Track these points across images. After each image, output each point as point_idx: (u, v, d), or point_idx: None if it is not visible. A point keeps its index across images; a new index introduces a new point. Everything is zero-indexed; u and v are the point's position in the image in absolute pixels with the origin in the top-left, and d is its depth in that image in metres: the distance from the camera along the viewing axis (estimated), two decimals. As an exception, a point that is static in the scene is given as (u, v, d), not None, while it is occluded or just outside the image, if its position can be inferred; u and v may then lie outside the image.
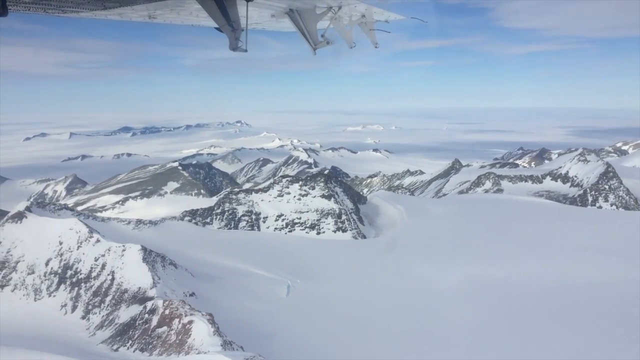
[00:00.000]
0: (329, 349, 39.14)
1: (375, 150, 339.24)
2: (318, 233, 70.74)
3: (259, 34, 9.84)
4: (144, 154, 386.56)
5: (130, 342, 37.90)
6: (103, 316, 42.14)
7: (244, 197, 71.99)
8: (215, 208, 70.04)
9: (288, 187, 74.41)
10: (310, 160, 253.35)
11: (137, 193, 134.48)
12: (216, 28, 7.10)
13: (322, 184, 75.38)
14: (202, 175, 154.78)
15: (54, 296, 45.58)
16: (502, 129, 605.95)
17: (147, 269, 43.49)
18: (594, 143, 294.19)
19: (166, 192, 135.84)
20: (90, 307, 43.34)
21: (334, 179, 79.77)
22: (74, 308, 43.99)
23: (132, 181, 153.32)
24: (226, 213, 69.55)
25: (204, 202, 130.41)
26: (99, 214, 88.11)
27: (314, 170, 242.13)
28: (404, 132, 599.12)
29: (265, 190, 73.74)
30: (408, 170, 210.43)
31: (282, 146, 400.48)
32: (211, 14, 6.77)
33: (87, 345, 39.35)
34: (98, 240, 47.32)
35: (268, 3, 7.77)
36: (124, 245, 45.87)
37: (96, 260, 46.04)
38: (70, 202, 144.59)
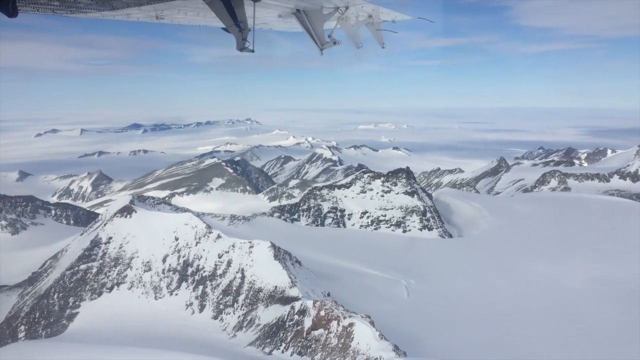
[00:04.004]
0: (483, 353, 36.86)
1: (395, 148, 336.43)
2: (404, 231, 68.33)
3: (267, 33, 9.63)
4: (159, 151, 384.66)
5: (283, 345, 35.52)
6: (239, 316, 39.69)
7: (328, 193, 69.55)
8: (301, 204, 67.59)
9: (370, 184, 72.00)
10: (335, 158, 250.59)
11: (182, 189, 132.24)
12: (223, 28, 7.09)
13: (404, 180, 72.94)
14: (239, 171, 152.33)
15: (176, 294, 43.18)
16: (515, 128, 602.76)
17: (280, 267, 41.08)
18: (613, 143, 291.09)
19: (212, 188, 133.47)
20: (221, 306, 40.91)
21: (413, 175, 77.27)
22: (202, 307, 41.58)
23: (174, 177, 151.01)
24: (312, 209, 67.14)
25: (251, 198, 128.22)
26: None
27: (339, 168, 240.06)
28: (416, 131, 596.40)
29: (347, 186, 71.31)
30: (439, 169, 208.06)
31: (298, 144, 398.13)
32: (218, 14, 6.77)
33: (232, 347, 36.96)
34: (219, 236, 44.86)
35: (275, 3, 7.74)
36: (250, 242, 43.40)
37: (220, 257, 43.61)
38: (116, 197, 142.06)
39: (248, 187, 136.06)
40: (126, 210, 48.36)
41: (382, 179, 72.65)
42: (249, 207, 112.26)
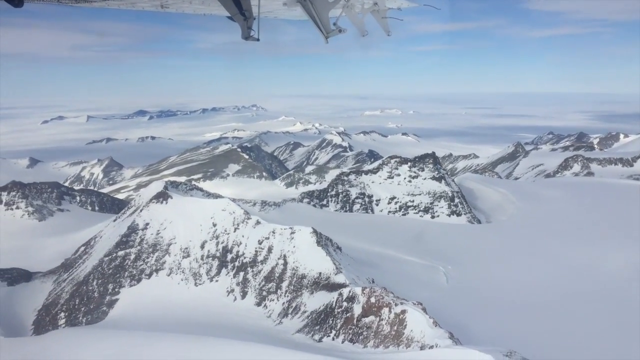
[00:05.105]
0: (535, 340, 36.31)
1: (404, 134, 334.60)
2: (432, 217, 67.67)
3: (272, 20, 9.64)
4: (167, 137, 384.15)
5: (333, 332, 35.01)
6: (284, 303, 39.22)
7: (355, 179, 68.84)
8: (329, 190, 66.95)
9: (397, 169, 71.19)
10: (345, 144, 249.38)
11: (199, 175, 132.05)
12: (228, 17, 7.11)
13: (431, 166, 72.05)
14: (252, 157, 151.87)
15: (216, 281, 42.73)
16: (521, 113, 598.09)
17: (324, 253, 40.51)
18: (624, 128, 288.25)
19: (228, 175, 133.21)
20: (264, 293, 40.44)
21: (439, 161, 76.36)
22: (244, 294, 41.13)
23: (189, 164, 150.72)
24: (340, 195, 66.49)
25: (268, 184, 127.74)
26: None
27: (349, 153, 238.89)
28: (423, 117, 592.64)
29: (374, 171, 70.59)
30: (451, 154, 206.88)
31: (305, 130, 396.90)
32: (223, 3, 6.80)
33: (280, 334, 36.55)
34: (258, 222, 44.27)
35: None
36: (291, 228, 42.78)
37: (260, 243, 43.05)
38: (132, 183, 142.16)
39: (264, 174, 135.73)
40: (162, 196, 47.80)
41: (409, 164, 71.82)
42: (266, 193, 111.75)
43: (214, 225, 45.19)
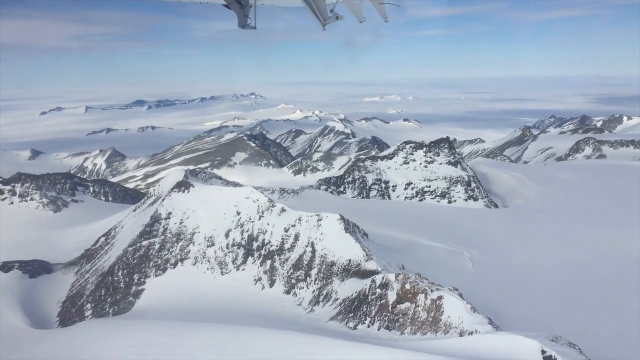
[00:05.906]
0: (567, 325, 35.97)
1: (406, 119, 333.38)
2: (449, 202, 67.26)
3: (269, 7, 9.24)
4: (167, 127, 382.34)
5: (368, 319, 34.68)
6: (314, 291, 38.85)
7: (371, 165, 68.25)
8: (346, 176, 66.38)
9: (412, 154, 70.59)
10: (348, 131, 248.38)
11: (206, 164, 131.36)
12: (224, 5, 7.10)
13: (446, 150, 71.43)
14: (258, 145, 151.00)
15: (243, 269, 42.32)
16: (521, 97, 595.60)
17: (353, 240, 40.06)
18: (626, 110, 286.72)
19: (235, 163, 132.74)
20: (293, 281, 40.06)
21: (454, 145, 75.74)
22: (272, 282, 40.74)
23: (196, 152, 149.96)
24: (357, 182, 65.96)
25: (275, 172, 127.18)
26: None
27: (352, 140, 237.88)
28: (423, 102, 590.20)
29: (390, 157, 69.98)
30: (455, 139, 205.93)
31: (306, 117, 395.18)
32: None
33: (313, 322, 36.20)
34: (283, 210, 43.75)
35: None
36: (318, 215, 42.27)
37: (286, 230, 42.57)
38: (139, 173, 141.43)
39: (271, 161, 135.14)
40: (183, 185, 47.20)
41: (425, 149, 71.19)
42: (275, 181, 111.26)
43: (238, 213, 44.68)
